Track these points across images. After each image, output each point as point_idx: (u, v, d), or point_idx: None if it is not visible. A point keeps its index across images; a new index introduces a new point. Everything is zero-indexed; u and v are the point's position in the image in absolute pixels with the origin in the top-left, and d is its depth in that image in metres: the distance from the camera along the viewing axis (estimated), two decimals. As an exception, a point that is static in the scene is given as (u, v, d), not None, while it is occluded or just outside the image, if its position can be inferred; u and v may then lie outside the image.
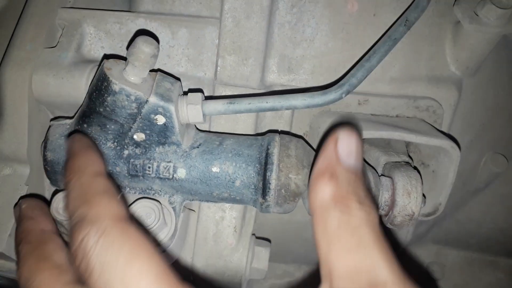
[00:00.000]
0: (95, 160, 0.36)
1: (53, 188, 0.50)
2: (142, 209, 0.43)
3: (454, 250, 0.79)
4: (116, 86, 0.41)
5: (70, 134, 0.44)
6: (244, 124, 0.52)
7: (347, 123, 0.50)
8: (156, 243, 0.29)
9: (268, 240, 0.56)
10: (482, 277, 0.79)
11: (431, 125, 0.54)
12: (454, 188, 0.52)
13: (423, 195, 0.47)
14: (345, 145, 0.30)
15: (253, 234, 0.55)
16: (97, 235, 0.28)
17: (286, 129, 0.54)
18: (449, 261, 0.79)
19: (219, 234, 0.52)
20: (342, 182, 0.28)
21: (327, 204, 0.28)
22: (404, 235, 0.63)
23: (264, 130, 0.54)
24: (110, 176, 0.34)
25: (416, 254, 0.76)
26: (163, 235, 0.44)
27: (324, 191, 0.28)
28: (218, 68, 0.51)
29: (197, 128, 0.50)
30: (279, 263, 0.74)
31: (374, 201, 0.31)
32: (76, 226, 0.29)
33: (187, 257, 0.52)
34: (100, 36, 0.52)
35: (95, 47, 0.52)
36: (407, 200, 0.45)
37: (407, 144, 0.56)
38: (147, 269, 0.27)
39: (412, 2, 0.51)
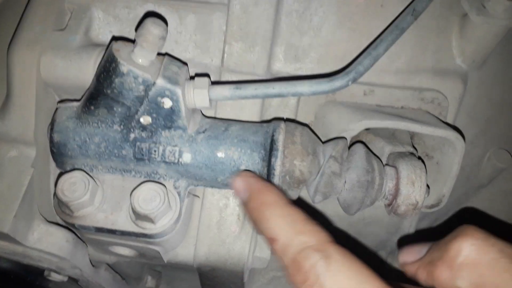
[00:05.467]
0: (280, 193, 0.38)
1: (58, 171, 0.50)
2: (147, 192, 0.43)
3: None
4: (124, 67, 0.42)
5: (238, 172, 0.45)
6: (250, 112, 0.52)
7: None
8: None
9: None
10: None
11: (436, 117, 0.54)
12: (458, 183, 0.52)
13: (427, 185, 0.47)
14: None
15: (256, 223, 0.55)
16: (327, 261, 0.31)
17: (292, 118, 0.54)
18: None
19: (222, 222, 0.52)
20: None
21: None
22: (407, 228, 0.63)
23: (269, 119, 0.54)
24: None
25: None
26: (167, 219, 0.44)
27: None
28: (225, 54, 0.51)
29: (203, 114, 0.50)
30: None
31: None
32: (303, 254, 0.32)
33: (190, 244, 0.52)
34: (108, 20, 0.52)
35: (104, 31, 0.52)
36: (411, 189, 0.46)
37: (412, 135, 0.56)
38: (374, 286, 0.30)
39: (420, -7, 0.51)
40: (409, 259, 0.39)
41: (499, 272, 0.31)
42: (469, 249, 0.32)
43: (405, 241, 0.64)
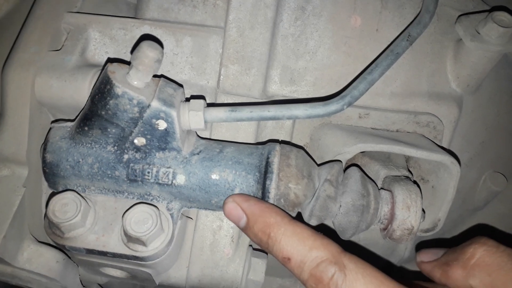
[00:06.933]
0: (281, 211, 0.40)
1: (50, 191, 0.49)
2: (140, 214, 0.43)
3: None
4: (119, 89, 0.41)
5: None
6: (245, 133, 0.52)
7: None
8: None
9: (265, 252, 0.56)
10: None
11: (431, 140, 0.54)
12: (453, 206, 0.52)
13: (423, 210, 0.47)
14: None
15: (250, 245, 0.54)
16: (343, 272, 0.34)
17: (287, 139, 0.54)
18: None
19: (216, 244, 0.51)
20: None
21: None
22: (402, 251, 0.63)
23: (264, 140, 0.54)
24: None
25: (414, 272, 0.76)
26: (159, 242, 0.44)
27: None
28: (221, 77, 0.52)
29: (198, 135, 0.50)
30: (275, 277, 0.73)
31: None
32: (320, 268, 0.35)
33: (182, 266, 0.51)
34: (105, 41, 0.52)
35: (100, 52, 0.52)
36: (407, 214, 0.45)
37: (407, 159, 0.56)
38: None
39: (415, 19, 0.52)
40: (426, 259, 0.44)
41: (507, 272, 0.35)
42: (482, 253, 0.37)
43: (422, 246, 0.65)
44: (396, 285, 0.33)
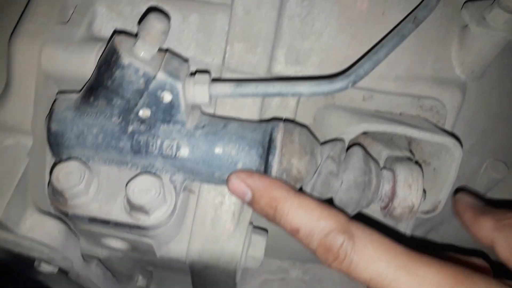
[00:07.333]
0: (286, 185, 0.41)
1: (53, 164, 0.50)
2: (143, 183, 0.43)
3: (451, 256, 0.79)
4: (125, 59, 0.42)
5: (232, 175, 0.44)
6: (249, 111, 0.52)
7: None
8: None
9: (266, 230, 0.56)
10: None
11: (434, 124, 0.54)
12: (455, 192, 0.52)
13: (424, 190, 0.48)
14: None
15: (251, 223, 0.55)
16: (351, 240, 0.35)
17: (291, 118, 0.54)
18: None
19: (217, 219, 0.52)
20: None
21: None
22: (403, 228, 0.63)
23: (268, 118, 0.54)
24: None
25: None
26: (162, 212, 0.44)
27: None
28: (227, 54, 0.52)
29: (202, 111, 0.50)
30: (274, 258, 0.74)
31: None
32: (329, 237, 0.36)
33: (183, 240, 0.52)
34: (111, 16, 0.53)
35: (106, 26, 0.53)
36: (408, 191, 0.46)
37: (409, 141, 0.56)
38: (396, 252, 0.34)
39: (421, 2, 0.52)
40: (464, 201, 0.46)
41: None
42: None
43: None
44: (404, 249, 0.34)
